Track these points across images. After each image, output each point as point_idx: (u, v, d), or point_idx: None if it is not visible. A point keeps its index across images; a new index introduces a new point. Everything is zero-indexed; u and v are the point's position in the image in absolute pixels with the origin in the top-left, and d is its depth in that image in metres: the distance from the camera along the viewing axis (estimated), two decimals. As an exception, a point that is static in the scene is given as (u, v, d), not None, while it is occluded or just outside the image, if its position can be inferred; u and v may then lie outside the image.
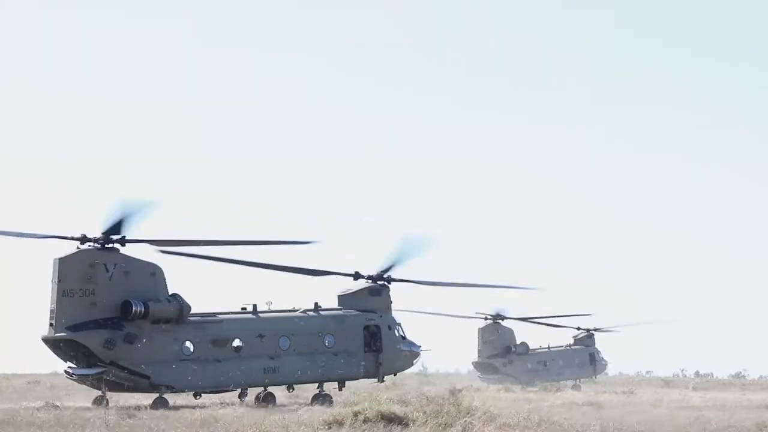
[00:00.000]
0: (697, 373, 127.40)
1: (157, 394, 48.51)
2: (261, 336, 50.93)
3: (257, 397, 52.24)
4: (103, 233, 47.23)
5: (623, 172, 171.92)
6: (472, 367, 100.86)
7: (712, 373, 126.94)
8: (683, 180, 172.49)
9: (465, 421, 32.67)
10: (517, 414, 35.49)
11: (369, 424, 32.90)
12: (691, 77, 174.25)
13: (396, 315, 56.02)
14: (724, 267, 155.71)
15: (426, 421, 32.92)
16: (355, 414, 33.67)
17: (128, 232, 47.48)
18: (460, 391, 44.63)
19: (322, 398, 52.41)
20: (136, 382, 48.02)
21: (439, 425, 32.71)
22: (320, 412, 37.89)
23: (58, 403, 45.36)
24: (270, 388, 51.96)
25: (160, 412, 42.00)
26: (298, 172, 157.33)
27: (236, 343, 50.38)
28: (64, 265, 46.75)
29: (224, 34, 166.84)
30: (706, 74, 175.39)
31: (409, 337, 56.39)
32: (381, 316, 54.55)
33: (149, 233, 47.78)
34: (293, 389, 53.04)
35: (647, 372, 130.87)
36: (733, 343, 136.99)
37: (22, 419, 36.10)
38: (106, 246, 47.40)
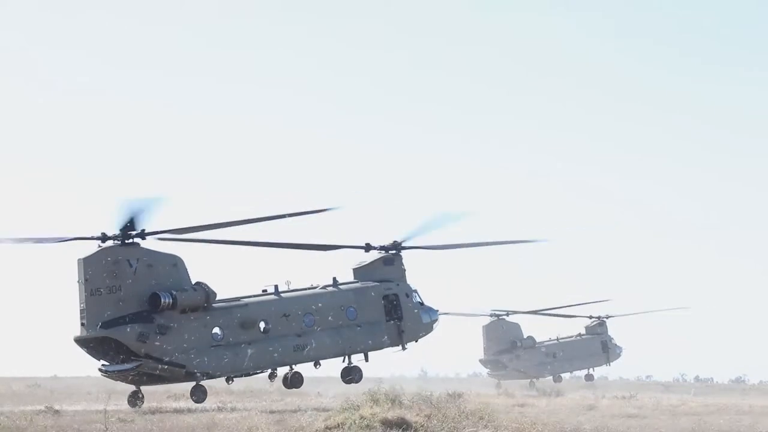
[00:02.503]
0: (697, 378, 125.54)
1: (193, 383, 49.49)
2: (286, 315, 51.84)
3: (285, 378, 53.27)
4: (120, 230, 47.97)
5: (622, 175, 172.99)
6: (472, 371, 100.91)
7: (712, 378, 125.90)
8: (680, 184, 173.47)
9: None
10: (518, 421, 36.45)
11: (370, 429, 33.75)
12: (692, 78, 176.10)
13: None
14: (724, 270, 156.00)
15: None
16: (356, 419, 34.49)
17: (143, 227, 48.07)
18: (460, 396, 45.76)
19: (351, 371, 53.82)
20: (171, 372, 48.79)
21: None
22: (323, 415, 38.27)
23: (59, 407, 45.49)
24: (298, 367, 52.81)
25: (158, 416, 42.16)
26: (297, 172, 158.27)
27: (263, 324, 51.25)
28: (89, 264, 47.42)
29: (224, 34, 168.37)
30: (706, 75, 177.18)
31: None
32: (398, 285, 55.51)
33: (162, 227, 48.52)
34: (320, 365, 53.74)
35: (647, 377, 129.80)
36: (733, 347, 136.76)
37: (23, 425, 36.40)
38: (126, 242, 48.06)
